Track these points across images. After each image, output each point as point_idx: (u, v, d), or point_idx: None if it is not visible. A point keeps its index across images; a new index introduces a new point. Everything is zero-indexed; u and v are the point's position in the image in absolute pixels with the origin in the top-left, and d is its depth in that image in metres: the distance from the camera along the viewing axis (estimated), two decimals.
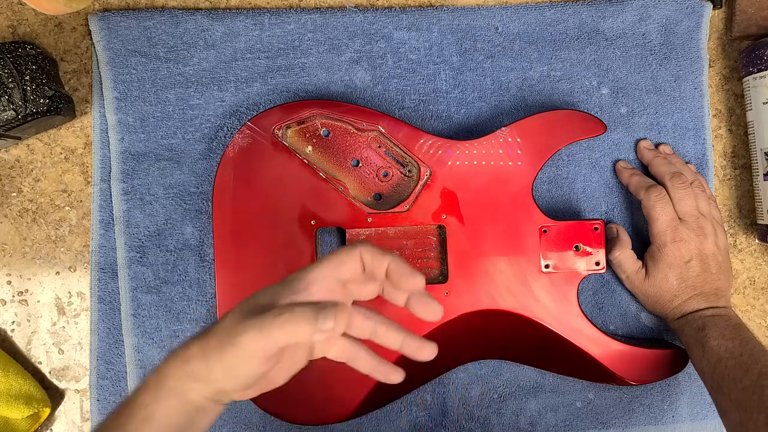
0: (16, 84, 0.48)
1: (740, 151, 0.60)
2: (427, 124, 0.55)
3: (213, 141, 0.53)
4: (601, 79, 0.56)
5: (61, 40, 0.54)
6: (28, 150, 0.53)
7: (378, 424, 0.54)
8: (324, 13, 0.54)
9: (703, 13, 0.57)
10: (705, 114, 0.58)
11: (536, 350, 0.54)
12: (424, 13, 0.55)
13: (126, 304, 0.52)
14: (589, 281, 0.55)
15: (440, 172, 0.51)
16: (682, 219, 0.52)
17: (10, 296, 0.53)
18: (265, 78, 0.54)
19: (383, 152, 0.51)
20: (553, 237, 0.52)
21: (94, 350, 0.52)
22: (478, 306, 0.51)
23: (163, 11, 0.53)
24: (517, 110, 0.56)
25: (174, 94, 0.53)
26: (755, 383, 0.43)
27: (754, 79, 0.56)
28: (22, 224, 0.53)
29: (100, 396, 0.52)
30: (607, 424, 0.56)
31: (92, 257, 0.53)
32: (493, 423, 0.55)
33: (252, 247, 0.50)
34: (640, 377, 0.52)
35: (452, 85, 0.55)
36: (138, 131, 0.52)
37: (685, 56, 0.57)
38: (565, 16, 0.56)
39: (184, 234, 0.53)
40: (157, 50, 0.53)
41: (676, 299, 0.52)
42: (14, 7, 0.53)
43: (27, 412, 0.50)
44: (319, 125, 0.51)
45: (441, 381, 0.55)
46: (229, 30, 0.53)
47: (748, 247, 0.59)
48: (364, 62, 0.54)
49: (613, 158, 0.57)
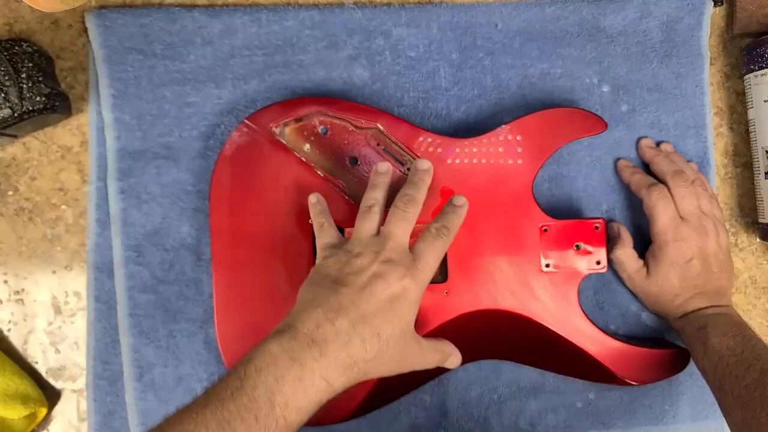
0: (13, 82, 0.48)
1: (741, 150, 0.59)
2: (427, 122, 0.55)
3: (210, 139, 0.53)
4: (602, 77, 0.56)
5: (57, 37, 0.53)
6: (25, 148, 0.53)
7: (377, 425, 0.54)
8: (322, 9, 0.54)
9: (704, 10, 0.57)
10: (706, 112, 0.57)
11: (536, 350, 0.53)
12: (424, 9, 0.54)
13: (122, 304, 0.51)
14: (589, 280, 0.55)
15: (440, 171, 0.51)
16: (684, 218, 0.51)
17: (6, 295, 0.53)
18: (263, 75, 0.53)
19: (382, 150, 0.51)
20: (554, 236, 0.51)
21: (90, 350, 0.52)
22: (478, 306, 0.51)
23: (160, 8, 0.53)
24: (517, 108, 0.55)
25: (171, 91, 0.52)
26: (757, 380, 0.43)
27: (755, 77, 0.55)
28: (18, 223, 0.53)
29: (97, 396, 0.52)
30: (608, 425, 0.55)
31: (88, 256, 0.52)
32: (493, 424, 0.55)
33: (249, 246, 0.50)
34: (641, 377, 0.52)
35: (452, 83, 0.55)
36: (134, 129, 0.52)
37: (686, 54, 0.57)
38: (565, 13, 0.56)
39: (181, 233, 0.52)
40: (153, 47, 0.52)
41: (678, 298, 0.51)
42: (10, 5, 0.53)
43: (23, 412, 0.49)
44: (317, 123, 0.50)
45: (440, 381, 0.54)
46: (226, 27, 0.53)
47: (749, 246, 0.59)
48: (362, 59, 0.54)
49: (614, 156, 0.56)
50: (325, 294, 0.40)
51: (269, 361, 0.37)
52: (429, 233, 0.45)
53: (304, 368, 0.37)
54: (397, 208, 0.45)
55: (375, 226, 0.45)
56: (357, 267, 0.42)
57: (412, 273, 0.42)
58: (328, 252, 0.44)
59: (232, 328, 0.50)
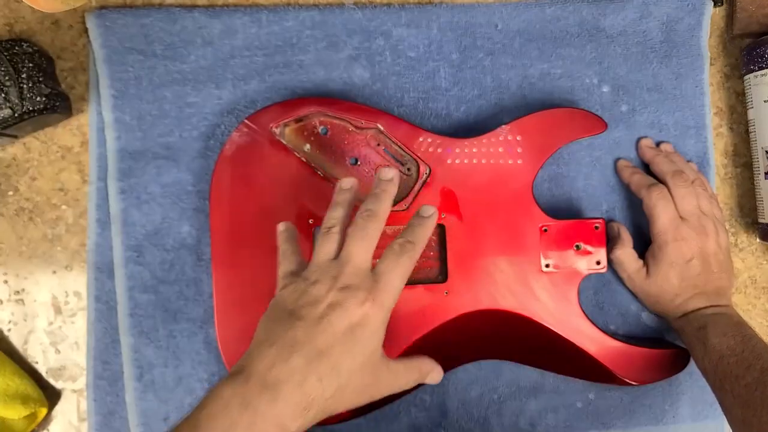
0: (13, 82, 0.48)
1: (741, 150, 0.59)
2: (427, 122, 0.55)
3: (210, 139, 0.53)
4: (602, 77, 0.56)
5: (57, 37, 0.53)
6: (25, 148, 0.53)
7: (377, 425, 0.54)
8: (322, 10, 0.54)
9: (704, 10, 0.57)
10: (706, 112, 0.57)
11: (536, 350, 0.53)
12: (424, 10, 0.54)
13: (123, 304, 0.51)
14: (589, 280, 0.55)
15: (439, 171, 0.51)
16: (684, 218, 0.51)
17: (6, 295, 0.53)
18: (263, 75, 0.53)
19: (382, 150, 0.51)
20: (554, 236, 0.51)
21: (90, 350, 0.52)
22: (478, 306, 0.51)
23: (160, 9, 0.53)
24: (517, 108, 0.55)
25: (171, 91, 0.52)
26: (758, 379, 0.43)
27: (755, 77, 0.55)
28: (19, 223, 0.53)
29: (97, 396, 0.52)
30: (608, 425, 0.55)
31: (89, 256, 0.52)
32: (493, 424, 0.54)
33: (249, 246, 0.50)
34: (641, 377, 0.52)
35: (452, 83, 0.55)
36: (135, 129, 0.52)
37: (686, 54, 0.57)
38: (565, 14, 0.56)
39: (182, 233, 0.52)
40: (154, 48, 0.52)
41: (678, 298, 0.51)
42: (11, 5, 0.53)
43: (24, 412, 0.49)
44: (318, 123, 0.50)
45: (440, 381, 0.54)
46: (226, 27, 0.53)
47: (749, 246, 0.59)
48: (362, 59, 0.54)
49: (614, 156, 0.56)
50: (279, 330, 0.38)
51: (221, 406, 0.35)
52: (392, 250, 0.41)
53: (257, 414, 0.35)
54: (356, 227, 0.41)
55: (334, 248, 0.42)
56: (313, 297, 0.39)
57: (373, 297, 0.39)
58: (287, 281, 0.42)
59: (232, 328, 0.50)
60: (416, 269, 0.51)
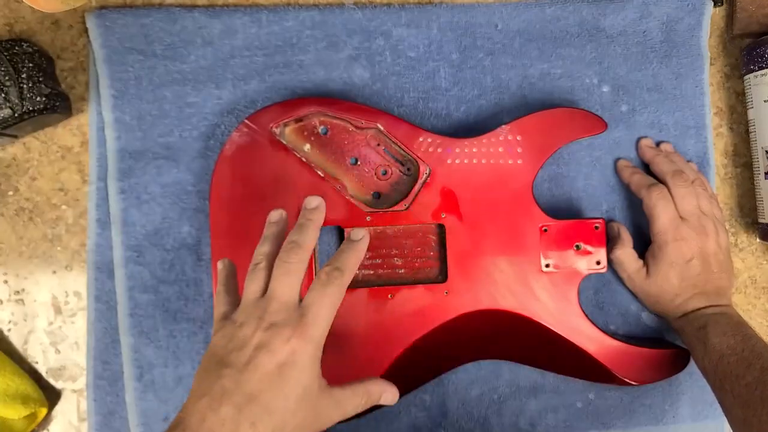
0: (13, 82, 0.48)
1: (741, 150, 0.59)
2: (427, 122, 0.55)
3: (210, 139, 0.53)
4: (602, 77, 0.56)
5: (57, 37, 0.53)
6: (25, 148, 0.53)
7: (377, 425, 0.54)
8: (322, 10, 0.54)
9: (704, 10, 0.57)
10: (706, 112, 0.57)
11: (536, 350, 0.53)
12: (424, 10, 0.54)
13: (123, 304, 0.51)
14: (589, 280, 0.55)
15: (440, 171, 0.51)
16: (684, 218, 0.51)
17: (6, 295, 0.53)
18: (263, 75, 0.53)
19: (382, 150, 0.51)
20: (554, 236, 0.51)
21: (90, 350, 0.52)
22: (478, 306, 0.51)
23: (161, 8, 0.53)
24: (517, 108, 0.55)
25: (171, 91, 0.52)
26: (758, 379, 0.43)
27: (755, 77, 0.55)
28: (19, 223, 0.53)
29: (97, 396, 0.52)
30: (608, 425, 0.55)
31: (89, 256, 0.52)
32: (493, 424, 0.54)
33: (249, 247, 0.49)
34: (641, 377, 0.52)
35: (452, 83, 0.55)
36: (135, 129, 0.52)
37: (686, 54, 0.57)
38: (565, 14, 0.56)
39: (182, 233, 0.52)
40: (154, 48, 0.52)
41: (678, 298, 0.51)
42: (11, 5, 0.53)
43: (24, 412, 0.49)
44: (318, 123, 0.50)
45: (440, 381, 0.54)
46: (226, 27, 0.53)
47: (749, 246, 0.59)
48: (362, 59, 0.54)
49: (614, 156, 0.56)
50: (210, 380, 0.37)
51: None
52: (319, 280, 0.40)
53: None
54: (281, 261, 0.40)
55: (261, 286, 0.41)
56: (240, 340, 0.38)
57: (300, 332, 0.38)
58: (218, 325, 0.41)
59: None
60: (416, 269, 0.51)
